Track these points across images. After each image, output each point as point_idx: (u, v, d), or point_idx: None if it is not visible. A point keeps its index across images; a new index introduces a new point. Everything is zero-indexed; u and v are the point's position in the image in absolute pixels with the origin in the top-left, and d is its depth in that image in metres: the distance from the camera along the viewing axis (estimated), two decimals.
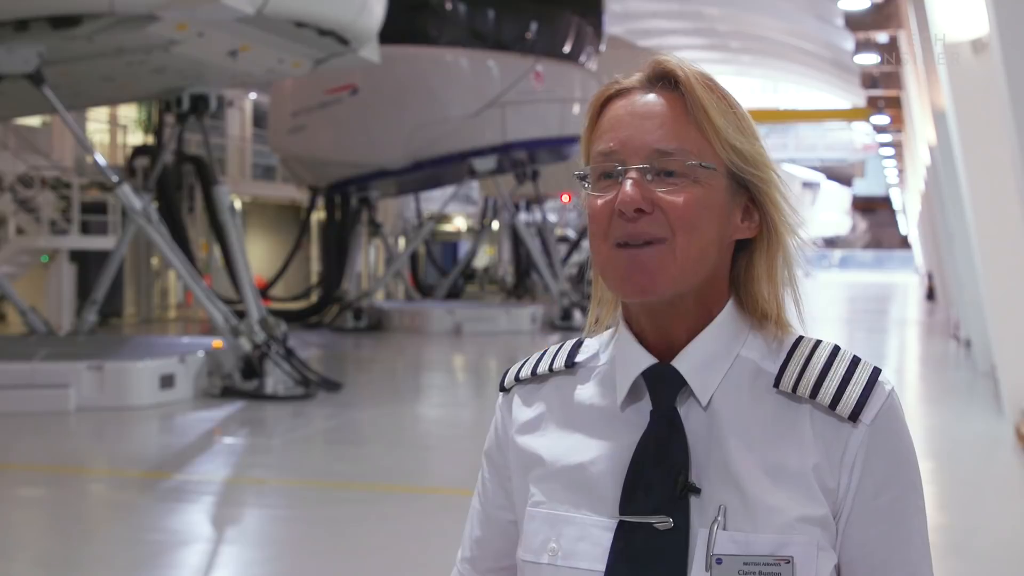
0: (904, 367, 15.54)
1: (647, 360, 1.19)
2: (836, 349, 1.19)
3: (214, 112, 14.03)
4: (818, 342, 1.20)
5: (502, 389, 1.34)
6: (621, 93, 1.20)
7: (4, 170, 16.11)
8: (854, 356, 1.18)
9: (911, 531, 1.17)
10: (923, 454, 8.45)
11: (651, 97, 1.17)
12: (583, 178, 1.20)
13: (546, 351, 1.33)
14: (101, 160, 11.70)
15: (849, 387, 1.15)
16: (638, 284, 1.14)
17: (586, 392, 1.25)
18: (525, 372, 1.31)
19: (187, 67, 11.87)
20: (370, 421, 10.56)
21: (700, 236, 1.14)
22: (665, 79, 1.18)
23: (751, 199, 1.19)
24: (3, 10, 9.98)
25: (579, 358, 1.28)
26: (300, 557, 5.69)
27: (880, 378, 1.17)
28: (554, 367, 1.29)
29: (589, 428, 1.23)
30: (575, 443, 1.23)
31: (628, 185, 1.14)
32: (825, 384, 1.15)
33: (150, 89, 13.62)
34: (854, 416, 1.14)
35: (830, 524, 1.15)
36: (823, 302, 30.61)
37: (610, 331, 1.28)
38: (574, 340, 1.32)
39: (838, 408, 1.14)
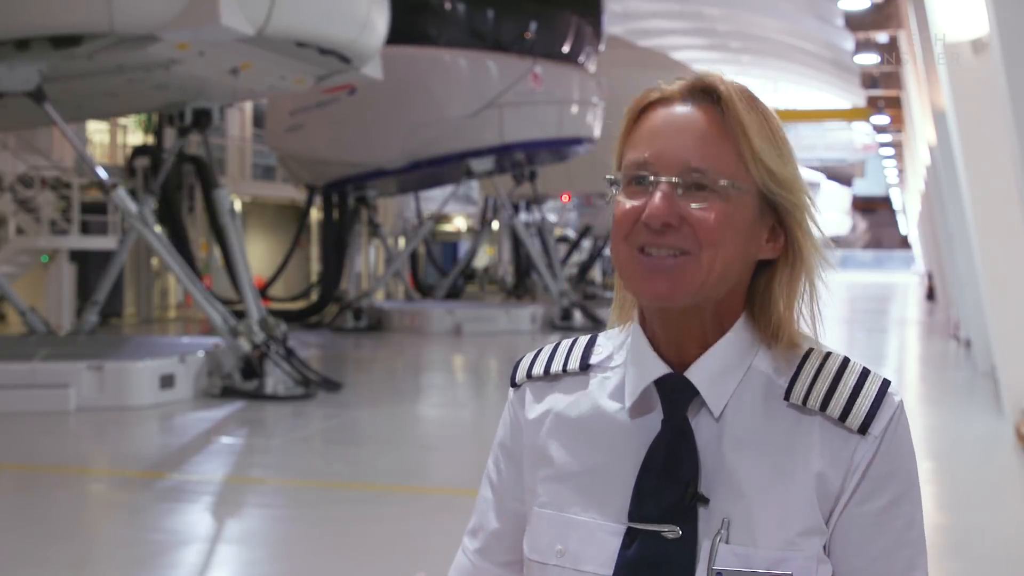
0: (904, 367, 15.54)
1: (660, 369, 1.19)
2: (846, 361, 1.18)
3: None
4: (828, 354, 1.20)
5: (513, 384, 1.33)
6: (660, 101, 1.18)
7: (4, 170, 16.10)
8: (864, 368, 1.18)
9: (898, 539, 1.16)
10: (923, 454, 8.44)
11: (689, 109, 1.16)
12: (613, 182, 1.19)
13: (558, 346, 1.32)
14: (102, 173, 11.69)
15: (859, 400, 1.15)
16: (658, 290, 1.14)
17: (598, 396, 1.25)
18: (537, 369, 1.30)
19: (189, 84, 11.96)
20: (370, 421, 10.56)
21: (726, 252, 1.13)
22: (706, 92, 1.16)
23: (778, 220, 1.18)
24: (4, 29, 10.07)
25: (593, 359, 1.27)
26: (300, 557, 5.69)
27: (890, 390, 1.17)
28: (568, 368, 1.28)
29: (600, 432, 1.22)
30: (585, 447, 1.23)
31: (658, 198, 1.13)
32: (835, 397, 1.15)
33: (152, 104, 13.73)
34: (863, 428, 1.14)
35: (825, 532, 1.15)
36: (823, 302, 30.56)
37: (624, 331, 1.27)
38: (588, 337, 1.31)
39: (848, 421, 1.15)
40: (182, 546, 5.93)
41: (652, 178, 1.14)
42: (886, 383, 1.17)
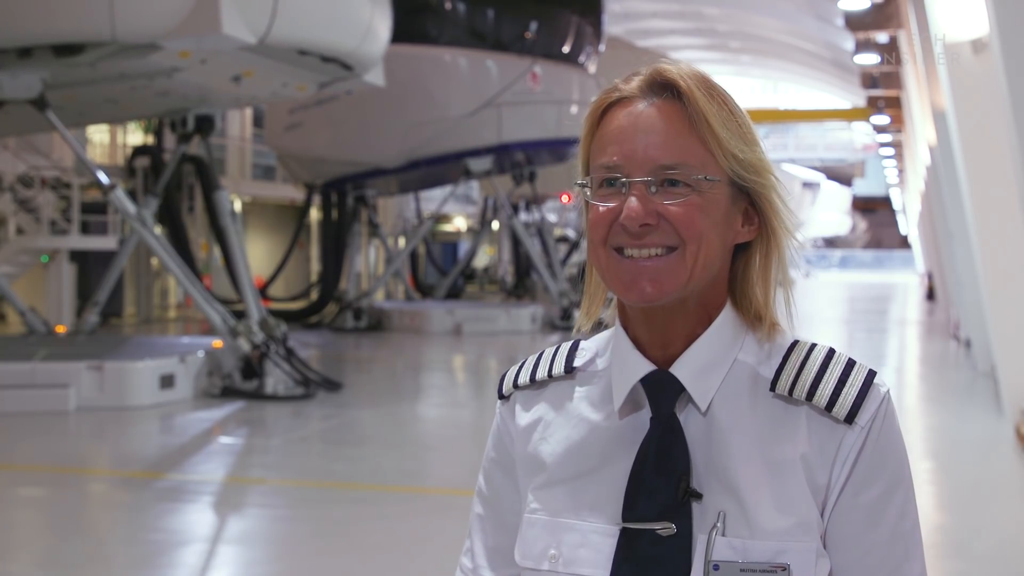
0: (904, 367, 15.54)
1: (645, 367, 1.19)
2: (831, 352, 1.19)
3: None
4: (813, 345, 1.20)
5: (501, 396, 1.33)
6: (621, 102, 1.18)
7: (4, 170, 16.11)
8: (849, 359, 1.18)
9: (892, 530, 1.16)
10: (923, 454, 8.45)
11: (653, 109, 1.15)
12: (584, 185, 1.19)
13: (542, 354, 1.32)
14: (103, 176, 11.70)
15: (845, 389, 1.15)
16: (644, 292, 1.14)
17: (586, 398, 1.25)
18: (524, 378, 1.30)
19: (191, 91, 11.98)
20: (370, 421, 10.56)
21: (707, 244, 1.14)
22: (666, 88, 1.16)
23: (750, 203, 1.19)
24: (6, 38, 10.10)
25: (577, 362, 1.27)
26: (300, 557, 5.69)
27: (875, 380, 1.17)
28: (553, 373, 1.28)
29: (590, 437, 1.23)
30: (576, 452, 1.23)
31: (633, 200, 1.13)
32: (821, 387, 1.16)
33: (154, 110, 13.78)
34: (850, 418, 1.14)
35: (821, 524, 1.15)
36: (823, 302, 30.61)
37: (607, 333, 1.28)
38: (571, 342, 1.31)
39: (834, 410, 1.15)
40: (182, 546, 5.92)
41: (624, 180, 1.14)
42: (872, 374, 1.17)
